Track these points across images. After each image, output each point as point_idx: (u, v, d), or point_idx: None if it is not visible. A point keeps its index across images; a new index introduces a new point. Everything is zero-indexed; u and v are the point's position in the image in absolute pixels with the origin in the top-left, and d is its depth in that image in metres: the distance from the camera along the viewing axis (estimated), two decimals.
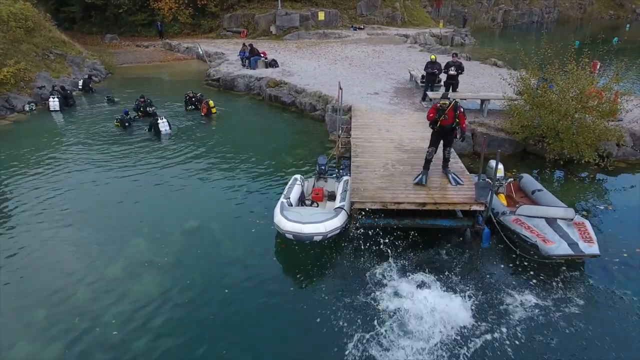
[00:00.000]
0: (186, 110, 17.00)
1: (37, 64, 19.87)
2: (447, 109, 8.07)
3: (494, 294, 6.84)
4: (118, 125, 15.16)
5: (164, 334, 6.32)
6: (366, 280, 7.24)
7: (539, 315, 6.46)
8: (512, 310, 6.52)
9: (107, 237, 8.68)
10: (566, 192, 10.05)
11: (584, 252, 6.77)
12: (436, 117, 8.18)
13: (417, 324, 6.21)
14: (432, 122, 8.30)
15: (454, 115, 8.19)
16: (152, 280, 7.45)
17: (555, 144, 10.81)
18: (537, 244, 6.93)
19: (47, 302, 6.95)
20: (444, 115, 8.10)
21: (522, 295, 6.79)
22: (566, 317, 6.42)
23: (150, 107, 16.22)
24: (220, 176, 11.39)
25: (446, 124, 8.24)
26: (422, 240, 8.17)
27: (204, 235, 8.68)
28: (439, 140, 8.54)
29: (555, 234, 7.15)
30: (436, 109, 8.19)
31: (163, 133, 14.40)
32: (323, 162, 9.93)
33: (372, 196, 7.87)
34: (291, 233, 7.39)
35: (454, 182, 8.30)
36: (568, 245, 6.83)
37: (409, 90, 16.54)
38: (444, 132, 8.38)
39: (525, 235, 7.19)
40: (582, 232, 7.14)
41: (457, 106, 8.18)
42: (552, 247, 6.81)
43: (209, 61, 25.26)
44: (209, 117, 16.29)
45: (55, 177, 11.33)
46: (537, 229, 7.26)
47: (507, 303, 6.65)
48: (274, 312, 6.69)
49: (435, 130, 8.41)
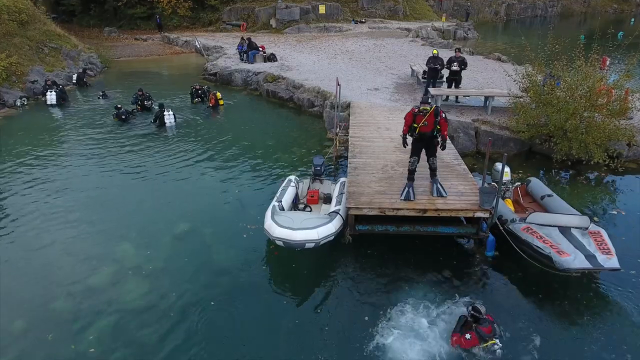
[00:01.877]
0: (192, 103, 16.96)
1: (31, 58, 19.42)
2: (427, 114, 7.32)
3: (501, 310, 6.43)
4: (116, 120, 14.86)
5: (147, 350, 5.90)
6: (361, 292, 6.83)
7: (544, 332, 6.04)
8: (520, 328, 6.10)
9: (93, 242, 8.28)
10: (574, 195, 9.58)
11: (603, 265, 6.22)
12: (412, 123, 7.46)
13: (410, 344, 5.79)
14: (411, 130, 7.56)
15: (434, 121, 7.41)
16: (137, 290, 7.01)
17: (562, 144, 10.33)
18: (551, 255, 6.36)
19: (25, 313, 6.53)
20: (423, 122, 7.38)
21: (531, 312, 6.38)
22: (578, 336, 6.02)
23: (149, 101, 16.04)
24: (213, 175, 10.97)
25: (426, 131, 7.48)
26: (422, 247, 7.75)
27: (194, 240, 8.26)
28: (420, 148, 7.78)
29: (570, 244, 6.59)
30: (412, 115, 7.47)
31: (168, 125, 14.29)
32: (319, 163, 9.46)
33: (370, 201, 7.42)
34: (281, 240, 6.93)
35: (436, 193, 7.57)
36: (585, 258, 6.27)
37: (410, 86, 16.04)
38: (423, 140, 7.65)
39: (538, 246, 6.62)
40: (598, 243, 6.60)
41: (438, 111, 7.42)
42: (567, 259, 6.26)
43: (206, 55, 24.76)
44: (216, 109, 16.16)
45: (44, 176, 10.90)
46: (551, 239, 6.70)
47: (515, 320, 6.23)
48: (265, 326, 6.26)
49: (414, 138, 7.69)
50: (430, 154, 7.77)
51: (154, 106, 15.94)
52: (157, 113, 14.53)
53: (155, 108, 15.69)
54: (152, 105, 16.07)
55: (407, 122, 7.60)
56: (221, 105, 16.34)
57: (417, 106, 7.45)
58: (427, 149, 7.76)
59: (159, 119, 14.33)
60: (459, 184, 8.01)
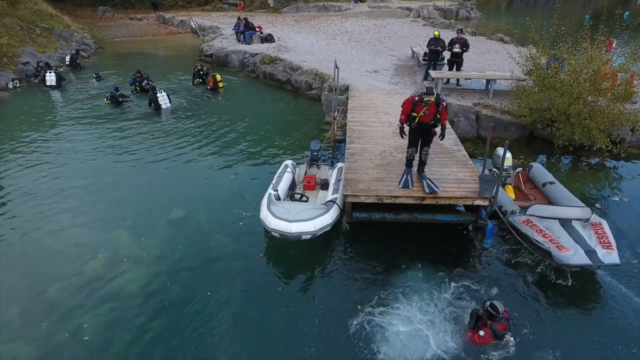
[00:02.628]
0: (193, 84, 16.72)
1: (22, 39, 18.96)
2: (429, 105, 6.85)
3: (499, 298, 6.31)
4: (109, 103, 14.58)
5: (142, 338, 5.82)
6: (358, 280, 6.73)
7: (544, 320, 5.95)
8: (519, 317, 6.00)
9: (87, 228, 8.15)
10: (576, 181, 9.42)
11: (603, 261, 6.06)
12: (411, 112, 6.95)
13: (406, 333, 5.71)
14: (409, 119, 7.05)
15: (435, 111, 6.94)
16: (131, 277, 6.93)
17: (565, 129, 10.10)
18: (551, 250, 6.20)
19: (21, 300, 6.42)
20: (424, 111, 6.90)
21: (530, 300, 6.29)
22: (578, 325, 5.93)
23: (147, 83, 15.73)
24: (208, 160, 10.78)
25: (426, 121, 7.02)
26: (420, 234, 7.62)
27: (190, 227, 8.13)
28: (417, 138, 7.31)
29: (570, 238, 6.43)
30: (412, 103, 6.93)
31: (163, 108, 14.04)
32: (316, 148, 9.26)
33: (367, 189, 7.24)
34: (277, 231, 6.78)
35: (428, 190, 7.16)
36: (585, 254, 6.11)
37: (410, 68, 15.69)
38: (422, 130, 7.18)
39: (537, 240, 6.45)
40: (599, 236, 6.43)
41: (440, 100, 6.95)
42: (567, 255, 6.10)
43: (202, 35, 24.23)
44: (215, 92, 15.92)
45: (37, 161, 10.70)
46: (551, 232, 6.53)
47: (513, 308, 6.13)
48: (261, 314, 6.17)
49: (412, 127, 7.19)
50: (425, 142, 7.34)
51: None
52: (150, 96, 14.23)
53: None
54: (153, 85, 15.66)
55: (405, 111, 7.05)
56: (220, 88, 16.05)
57: (417, 94, 6.99)
58: (423, 138, 7.32)
59: (153, 102, 14.06)
60: (458, 170, 7.82)
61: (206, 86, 16.22)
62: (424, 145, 7.33)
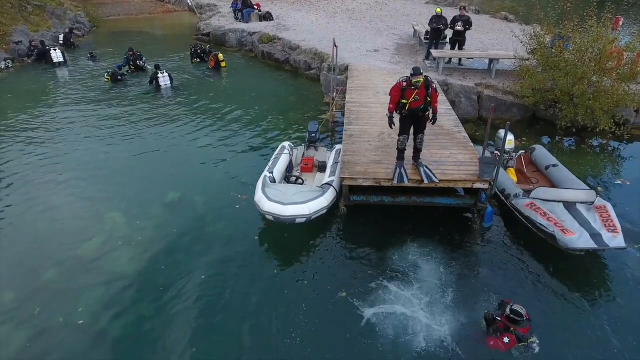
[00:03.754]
0: (192, 63, 16.53)
1: (14, 17, 18.53)
2: (419, 88, 6.43)
3: (500, 283, 6.25)
4: (108, 80, 14.47)
5: (137, 322, 5.76)
6: (355, 263, 6.65)
7: (546, 306, 5.88)
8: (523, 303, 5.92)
9: (82, 211, 8.04)
10: (578, 164, 9.24)
11: (608, 245, 5.94)
12: (401, 99, 6.54)
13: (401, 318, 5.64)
14: (399, 107, 6.65)
15: (425, 94, 6.54)
16: (126, 261, 6.83)
17: (568, 110, 9.87)
18: (555, 234, 6.08)
19: (14, 284, 6.35)
20: (414, 97, 6.48)
21: (532, 284, 6.21)
22: (581, 311, 5.86)
23: (141, 60, 15.57)
24: (205, 141, 10.60)
25: (417, 107, 6.59)
26: (419, 217, 7.51)
27: (185, 209, 8.00)
28: (409, 125, 6.89)
29: (574, 221, 6.31)
30: (400, 89, 6.51)
31: (163, 87, 13.94)
32: (314, 129, 9.07)
33: (365, 171, 7.09)
34: (271, 214, 6.65)
35: (427, 179, 6.87)
36: (590, 237, 6.00)
37: (411, 47, 15.34)
38: (414, 116, 6.77)
39: (542, 223, 6.32)
40: (604, 219, 6.31)
41: (429, 83, 6.56)
42: (572, 238, 5.98)
43: (199, 14, 23.70)
44: (217, 71, 15.72)
45: (31, 143, 10.53)
46: (555, 215, 6.40)
47: (515, 293, 6.06)
48: (255, 297, 6.08)
49: (403, 115, 6.77)
50: (419, 129, 6.93)
51: (147, 66, 15.49)
52: (152, 75, 14.12)
53: (148, 68, 15.27)
54: (145, 65, 15.57)
55: (394, 99, 6.63)
56: (223, 67, 15.80)
57: (405, 79, 6.55)
58: (416, 124, 6.91)
59: (154, 81, 13.94)
60: (458, 153, 7.65)
61: (207, 65, 15.98)
62: (418, 133, 6.96)
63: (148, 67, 15.47)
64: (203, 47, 16.77)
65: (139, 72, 15.49)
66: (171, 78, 14.15)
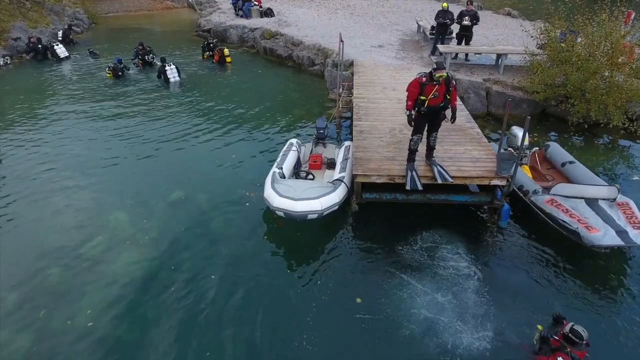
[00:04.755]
0: (203, 58, 16.34)
1: (12, 13, 18.20)
2: (440, 83, 6.10)
3: (519, 284, 6.07)
4: (110, 75, 14.25)
5: (145, 324, 5.57)
6: (369, 264, 6.46)
7: (568, 308, 5.70)
8: (542, 305, 5.75)
9: (85, 210, 7.80)
10: (591, 161, 9.02)
11: (635, 242, 5.74)
12: (419, 95, 6.18)
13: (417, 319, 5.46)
14: (417, 104, 6.26)
15: (445, 90, 6.22)
16: (133, 261, 6.61)
17: (580, 106, 9.69)
18: (579, 231, 5.89)
19: (16, 284, 6.14)
20: (434, 93, 6.13)
21: (552, 285, 6.04)
22: (604, 313, 5.68)
23: (150, 55, 15.35)
24: (209, 138, 10.38)
25: (435, 104, 6.25)
26: (433, 215, 7.31)
27: (191, 208, 7.78)
28: (424, 124, 6.52)
29: (598, 218, 6.12)
30: (419, 85, 6.15)
31: (172, 81, 13.75)
32: (322, 126, 8.85)
33: (378, 168, 6.89)
34: (282, 210, 6.45)
35: (441, 179, 6.59)
36: (616, 234, 5.80)
37: (416, 43, 15.13)
38: (431, 114, 6.41)
39: (564, 220, 6.13)
40: (628, 216, 6.12)
41: (450, 79, 6.24)
42: (597, 235, 5.79)
43: (199, 10, 23.42)
44: (222, 66, 15.54)
45: (32, 140, 10.29)
46: (577, 212, 6.22)
47: (535, 296, 5.88)
48: (267, 298, 5.90)
49: (421, 112, 6.38)
50: (434, 128, 6.63)
51: (156, 61, 15.25)
52: (159, 69, 13.94)
53: (157, 63, 15.01)
54: (154, 60, 15.35)
55: (412, 95, 6.25)
56: (228, 62, 15.59)
57: (423, 74, 6.27)
58: (431, 123, 6.58)
59: (162, 75, 13.77)
60: (473, 149, 7.46)
61: (212, 60, 15.89)
62: (432, 131, 6.65)
63: (156, 63, 15.25)
64: (214, 43, 16.52)
65: (147, 66, 15.29)
66: (178, 70, 13.96)
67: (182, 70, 14.63)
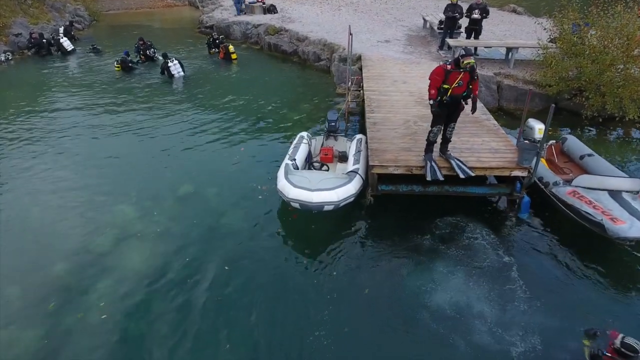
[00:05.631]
0: (209, 54, 16.31)
1: (13, 9, 18.05)
2: (467, 70, 5.85)
3: (541, 279, 5.88)
4: (118, 69, 14.16)
5: (157, 317, 5.36)
6: (383, 258, 6.24)
7: (591, 303, 5.52)
8: (567, 299, 5.57)
9: (91, 204, 7.57)
10: (604, 155, 8.74)
11: None
12: (442, 84, 5.94)
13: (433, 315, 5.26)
14: (440, 93, 6.01)
15: (469, 79, 5.98)
16: (142, 255, 6.39)
17: (595, 99, 9.52)
18: (604, 223, 5.70)
19: (21, 280, 5.92)
20: (458, 82, 5.90)
21: (577, 279, 5.85)
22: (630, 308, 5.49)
23: (151, 50, 15.30)
24: (216, 132, 10.17)
25: (459, 93, 6.02)
26: (450, 208, 7.11)
27: (202, 202, 7.56)
28: (445, 114, 6.28)
29: (623, 210, 5.93)
30: (444, 72, 5.91)
31: (176, 76, 13.64)
32: (333, 118, 8.65)
33: (395, 159, 6.69)
34: (297, 202, 6.25)
35: (462, 174, 6.35)
36: None
37: (423, 38, 14.97)
38: (453, 103, 6.17)
39: (588, 212, 5.94)
40: None
41: (474, 67, 5.94)
42: (623, 227, 5.60)
43: (201, 7, 23.25)
44: (228, 62, 15.43)
45: (37, 135, 10.11)
46: (601, 204, 6.03)
47: (558, 290, 5.70)
48: (281, 294, 5.69)
49: (444, 102, 6.12)
50: (453, 118, 6.38)
51: (157, 56, 15.20)
52: (162, 65, 13.83)
53: (159, 58, 14.99)
54: (155, 55, 15.28)
55: (435, 84, 6.01)
56: (234, 59, 15.44)
57: (448, 61, 6.08)
58: (451, 113, 6.33)
59: (166, 71, 13.65)
60: (491, 140, 7.28)
61: (218, 56, 15.81)
62: (450, 122, 6.40)
63: (158, 57, 15.22)
64: (220, 39, 16.40)
65: (149, 61, 15.22)
66: (182, 65, 13.81)
67: (186, 66, 14.48)
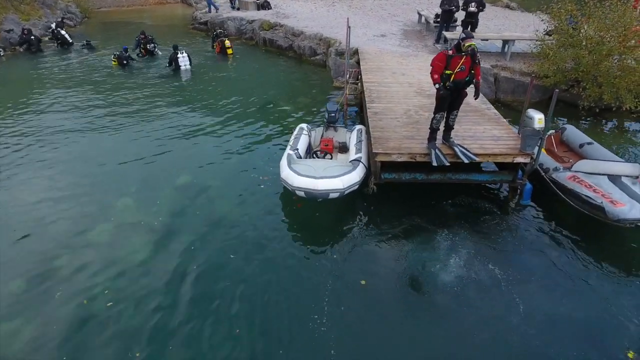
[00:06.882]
0: (212, 48, 16.29)
1: (4, 6, 17.80)
2: (466, 56, 5.82)
3: (544, 265, 5.91)
4: (115, 64, 14.03)
5: (162, 307, 5.28)
6: (388, 245, 6.22)
7: (594, 290, 5.56)
8: (569, 286, 5.59)
9: (90, 196, 7.45)
10: (604, 142, 8.94)
11: None
12: (445, 70, 5.90)
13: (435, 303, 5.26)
14: (442, 79, 5.98)
15: (471, 64, 5.94)
16: (144, 246, 6.28)
17: (592, 89, 9.60)
18: (604, 206, 5.76)
19: (24, 272, 5.80)
20: (460, 66, 5.86)
21: (579, 266, 5.87)
22: None
23: (151, 44, 15.21)
24: (216, 125, 10.10)
25: (461, 78, 5.99)
26: (452, 195, 7.13)
27: (204, 193, 7.45)
28: (448, 101, 6.25)
29: (623, 193, 5.99)
30: (446, 57, 5.87)
31: (183, 69, 13.67)
32: (333, 109, 8.62)
33: (399, 147, 6.67)
34: (303, 190, 6.22)
35: (466, 159, 6.35)
36: None
37: (418, 32, 15.01)
38: (456, 89, 6.13)
39: (588, 195, 6.00)
40: None
41: (476, 51, 5.86)
42: (623, 209, 5.66)
43: (194, 3, 23.10)
44: (223, 57, 15.41)
45: (35, 128, 9.94)
46: (601, 188, 6.09)
47: (561, 276, 5.73)
48: (286, 284, 5.62)
49: (447, 87, 6.07)
50: (455, 105, 6.36)
51: (158, 51, 15.15)
52: (171, 55, 13.79)
53: (159, 53, 15.01)
54: (156, 50, 15.21)
55: (437, 69, 5.97)
56: (230, 54, 15.42)
57: (448, 47, 6.21)
58: (455, 100, 6.30)
59: (173, 62, 13.62)
60: (492, 128, 7.30)
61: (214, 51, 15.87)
62: (453, 109, 6.39)
63: (158, 52, 15.16)
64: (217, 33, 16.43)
65: (149, 56, 15.16)
66: (190, 59, 13.81)
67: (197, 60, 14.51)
